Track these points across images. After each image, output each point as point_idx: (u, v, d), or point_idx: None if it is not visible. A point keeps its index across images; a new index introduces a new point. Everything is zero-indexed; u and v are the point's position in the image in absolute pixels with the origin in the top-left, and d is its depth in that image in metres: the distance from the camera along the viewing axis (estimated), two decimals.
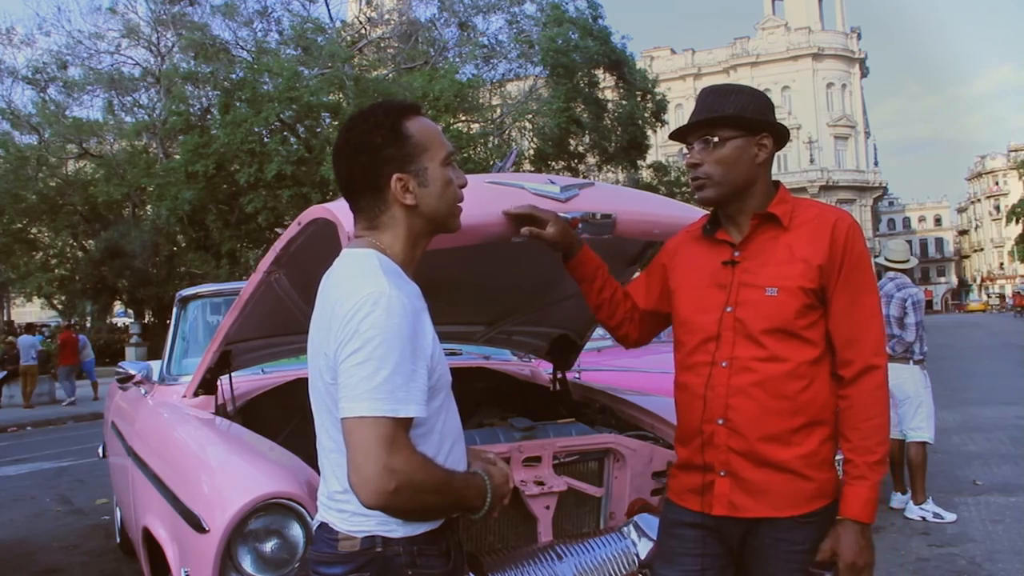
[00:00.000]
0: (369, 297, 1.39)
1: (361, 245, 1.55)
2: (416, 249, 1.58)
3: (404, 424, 1.38)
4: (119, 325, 28.85)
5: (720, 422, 1.74)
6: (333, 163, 1.59)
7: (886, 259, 5.52)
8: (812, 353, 1.73)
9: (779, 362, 1.72)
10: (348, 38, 23.65)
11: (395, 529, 1.44)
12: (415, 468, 1.37)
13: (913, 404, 5.26)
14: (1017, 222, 47.18)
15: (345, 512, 1.46)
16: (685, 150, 1.86)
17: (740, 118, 1.76)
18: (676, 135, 1.87)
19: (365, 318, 1.37)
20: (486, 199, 1.98)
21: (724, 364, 1.75)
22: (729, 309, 1.77)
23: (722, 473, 1.75)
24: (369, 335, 1.36)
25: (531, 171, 19.83)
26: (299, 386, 3.40)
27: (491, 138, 22.39)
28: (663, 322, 2.03)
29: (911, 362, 5.26)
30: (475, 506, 1.50)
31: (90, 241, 23.89)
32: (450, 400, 1.54)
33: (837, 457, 1.78)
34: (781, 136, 1.83)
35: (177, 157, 21.20)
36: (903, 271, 5.47)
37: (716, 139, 1.77)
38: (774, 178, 1.86)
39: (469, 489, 1.49)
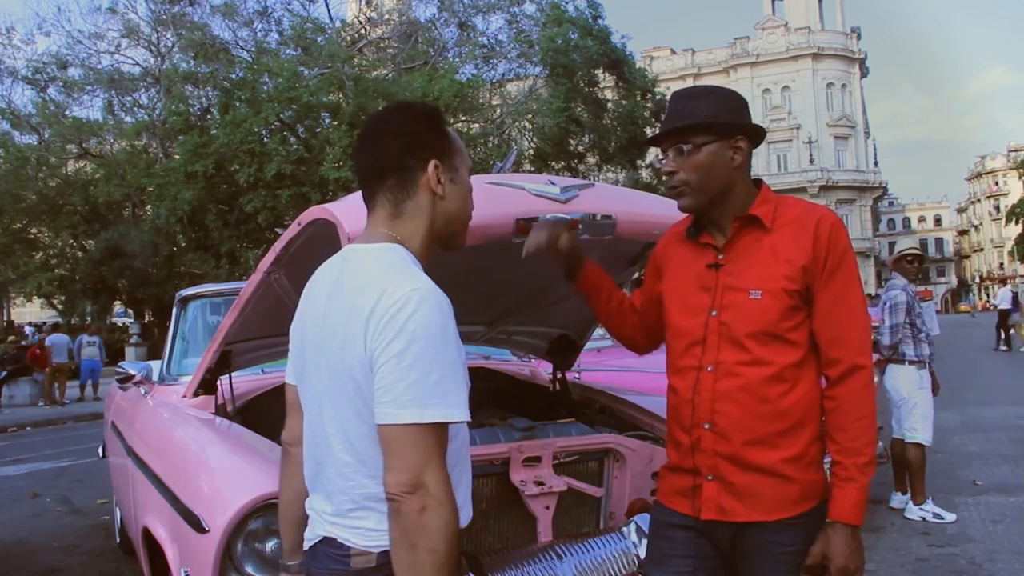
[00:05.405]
0: (413, 294, 1.31)
1: (380, 239, 1.46)
2: (429, 251, 1.51)
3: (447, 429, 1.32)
4: (119, 325, 28.80)
5: (706, 426, 1.73)
6: (359, 149, 1.52)
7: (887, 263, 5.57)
8: (796, 355, 1.72)
9: (763, 366, 1.70)
10: (348, 38, 23.61)
11: None
12: (445, 489, 1.28)
13: (908, 405, 5.27)
14: (1017, 222, 46.99)
15: (359, 529, 1.38)
16: (661, 156, 1.83)
17: (712, 124, 1.74)
18: (651, 142, 1.86)
19: (412, 316, 1.29)
20: (486, 200, 1.97)
21: (710, 368, 1.74)
22: (714, 313, 1.75)
23: (709, 477, 1.74)
24: (417, 334, 1.28)
25: (531, 171, 19.82)
26: None
27: (491, 138, 22.36)
28: None
29: (905, 363, 5.27)
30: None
31: (90, 241, 23.80)
32: None
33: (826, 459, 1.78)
34: (756, 135, 1.81)
35: (177, 157, 21.15)
36: (913, 256, 5.40)
37: (689, 146, 1.74)
38: (768, 178, 1.87)
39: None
